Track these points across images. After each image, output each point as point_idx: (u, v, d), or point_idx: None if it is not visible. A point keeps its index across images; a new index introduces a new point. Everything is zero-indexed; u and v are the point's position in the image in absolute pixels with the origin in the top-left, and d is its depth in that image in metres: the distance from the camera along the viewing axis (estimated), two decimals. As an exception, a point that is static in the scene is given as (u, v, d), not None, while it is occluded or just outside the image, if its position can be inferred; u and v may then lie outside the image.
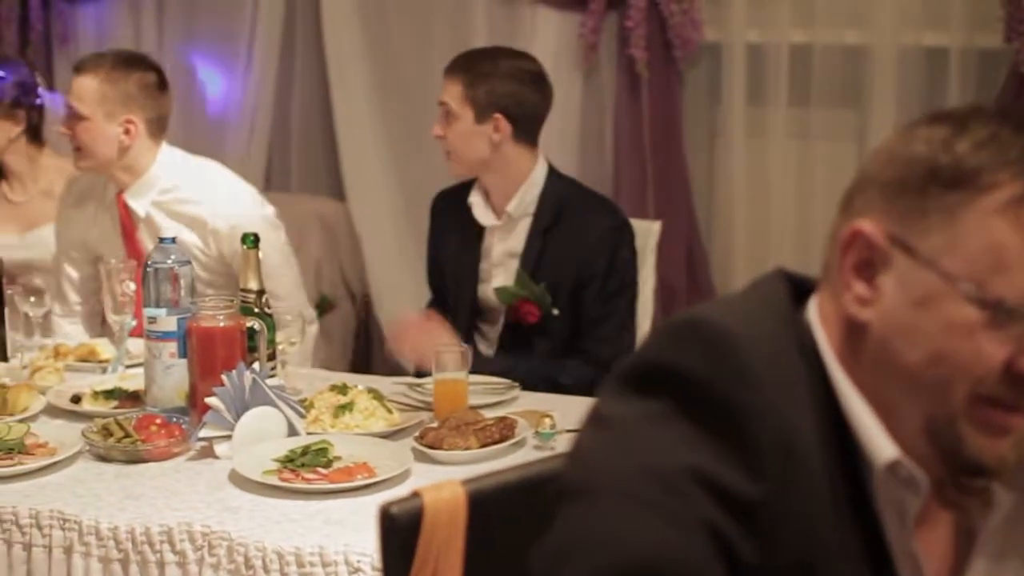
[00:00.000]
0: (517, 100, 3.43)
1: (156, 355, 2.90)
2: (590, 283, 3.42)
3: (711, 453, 1.24)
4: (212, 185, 3.69)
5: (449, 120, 3.46)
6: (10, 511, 2.50)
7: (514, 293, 3.45)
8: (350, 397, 2.90)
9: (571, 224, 3.46)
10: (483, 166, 3.49)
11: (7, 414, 2.93)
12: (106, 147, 3.58)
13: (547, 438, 2.75)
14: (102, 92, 3.57)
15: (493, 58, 3.52)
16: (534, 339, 3.46)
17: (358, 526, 2.35)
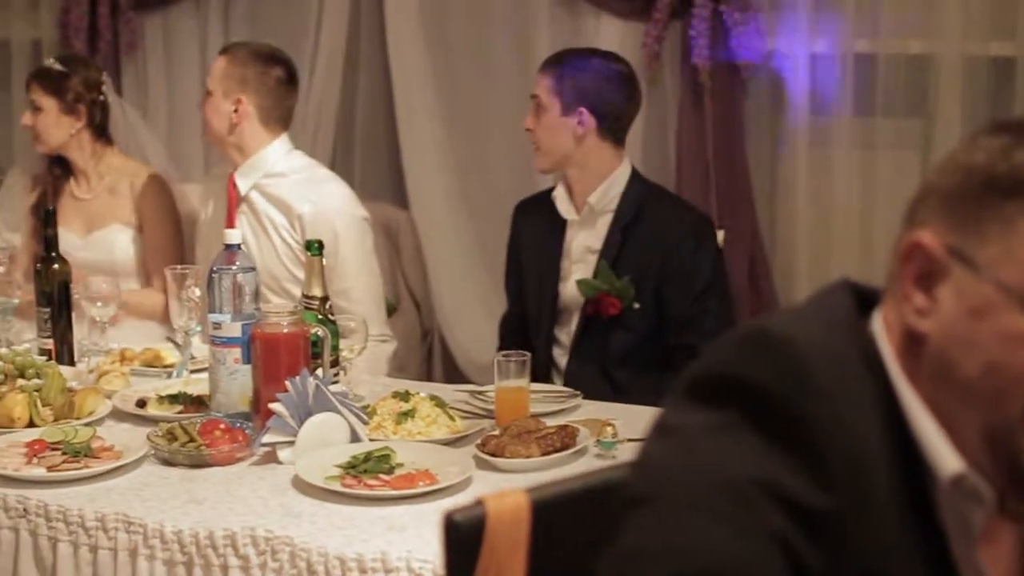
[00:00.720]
0: (603, 97, 3.52)
1: (221, 360, 2.93)
2: (674, 281, 3.48)
3: (778, 464, 1.24)
4: (312, 177, 3.92)
5: (538, 113, 3.56)
6: (76, 513, 2.52)
7: (595, 286, 3.50)
8: (412, 404, 2.91)
9: (652, 221, 3.53)
10: (567, 159, 3.56)
11: (74, 418, 2.96)
12: (219, 122, 3.88)
13: (609, 447, 2.75)
14: (226, 72, 3.88)
15: (586, 55, 3.66)
16: (611, 334, 3.50)
17: (420, 533, 2.36)
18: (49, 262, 3.47)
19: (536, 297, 3.68)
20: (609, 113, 3.54)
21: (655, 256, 3.50)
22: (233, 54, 3.93)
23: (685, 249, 3.51)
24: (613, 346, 3.50)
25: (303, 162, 3.96)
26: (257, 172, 3.89)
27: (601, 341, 3.52)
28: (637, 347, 3.51)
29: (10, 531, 2.59)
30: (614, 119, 3.56)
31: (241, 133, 3.87)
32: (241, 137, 3.88)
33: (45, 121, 4.15)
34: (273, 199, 3.86)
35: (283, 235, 3.81)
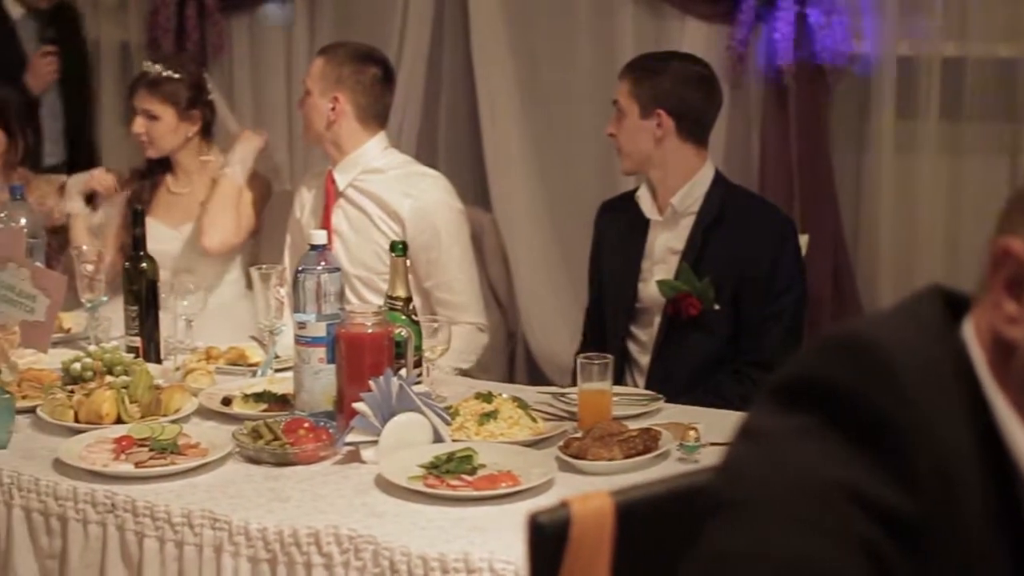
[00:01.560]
0: (681, 98, 3.52)
1: (305, 360, 2.95)
2: (753, 283, 3.48)
3: (866, 470, 1.23)
4: (410, 172, 3.99)
5: (619, 117, 3.57)
6: (163, 509, 2.55)
7: (676, 286, 3.50)
8: (495, 405, 2.92)
9: (735, 223, 3.53)
10: (648, 161, 3.57)
11: (161, 415, 3.00)
12: (317, 121, 3.95)
13: (691, 451, 2.74)
14: (323, 71, 3.95)
15: (663, 59, 3.68)
16: (693, 335, 3.50)
17: (502, 534, 2.36)
18: (137, 261, 3.51)
19: (614, 296, 3.69)
20: (688, 114, 3.54)
21: (736, 258, 3.49)
22: (331, 54, 3.99)
23: (766, 252, 3.50)
24: (694, 348, 3.49)
25: (400, 159, 4.01)
26: (355, 168, 3.95)
27: (683, 343, 3.51)
28: (718, 349, 3.50)
29: (98, 526, 2.62)
30: (693, 120, 3.56)
31: (338, 131, 3.93)
32: (338, 135, 3.94)
33: (161, 129, 4.19)
34: (371, 195, 3.91)
35: (382, 230, 3.86)
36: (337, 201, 3.96)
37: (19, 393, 3.08)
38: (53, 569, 2.67)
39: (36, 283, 3.15)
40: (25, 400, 3.08)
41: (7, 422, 2.88)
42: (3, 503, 2.71)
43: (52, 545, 2.67)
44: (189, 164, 4.28)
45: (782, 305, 3.50)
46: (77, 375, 3.13)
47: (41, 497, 2.67)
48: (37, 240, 3.63)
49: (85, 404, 2.98)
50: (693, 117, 3.55)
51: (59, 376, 3.19)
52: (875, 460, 1.24)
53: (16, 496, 2.70)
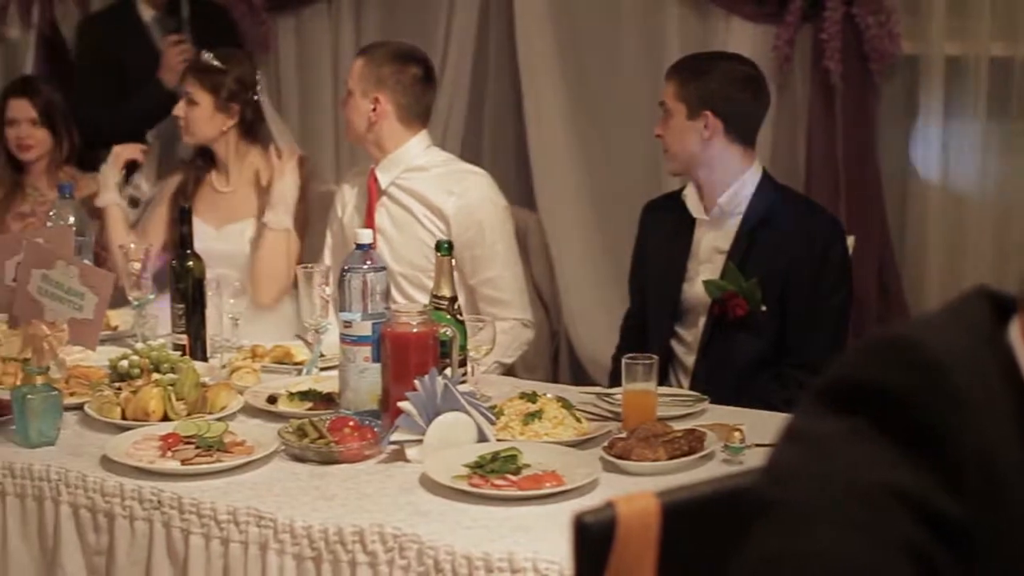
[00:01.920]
0: (727, 99, 3.51)
1: (351, 359, 2.96)
2: (799, 284, 3.46)
3: (912, 472, 1.23)
4: (453, 170, 4.01)
5: (666, 119, 3.57)
6: (209, 507, 2.56)
7: (722, 286, 3.48)
8: (539, 405, 2.92)
9: (781, 224, 3.52)
10: (695, 162, 3.56)
11: (207, 412, 3.01)
12: (359, 121, 3.96)
13: (736, 452, 2.73)
14: (363, 72, 3.95)
15: (710, 59, 3.68)
16: (738, 336, 3.49)
17: (546, 533, 2.36)
18: (184, 259, 3.53)
19: (659, 296, 3.68)
20: (735, 115, 3.53)
21: (782, 259, 3.48)
22: (371, 54, 4.00)
23: (813, 253, 3.49)
24: (740, 349, 3.48)
25: (443, 156, 4.03)
26: (398, 167, 3.96)
27: (729, 343, 3.50)
28: (763, 351, 3.48)
29: (144, 522, 2.64)
30: (741, 121, 3.54)
31: (380, 131, 3.94)
32: (380, 135, 3.94)
33: (197, 115, 4.22)
34: (415, 193, 3.92)
35: (427, 227, 3.87)
36: (380, 200, 3.97)
37: (67, 390, 3.10)
38: (100, 565, 2.69)
39: (84, 281, 3.17)
40: (73, 397, 3.10)
41: (55, 419, 2.90)
42: (51, 499, 2.74)
43: (99, 541, 2.69)
44: (227, 160, 4.29)
45: (828, 307, 3.48)
46: (124, 372, 3.15)
47: (88, 494, 2.70)
48: (85, 238, 3.65)
49: (132, 401, 3.00)
50: (740, 118, 3.54)
51: (106, 373, 3.21)
52: (922, 463, 1.23)
53: (64, 492, 2.72)
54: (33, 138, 4.76)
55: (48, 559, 2.74)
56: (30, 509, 2.77)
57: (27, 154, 4.76)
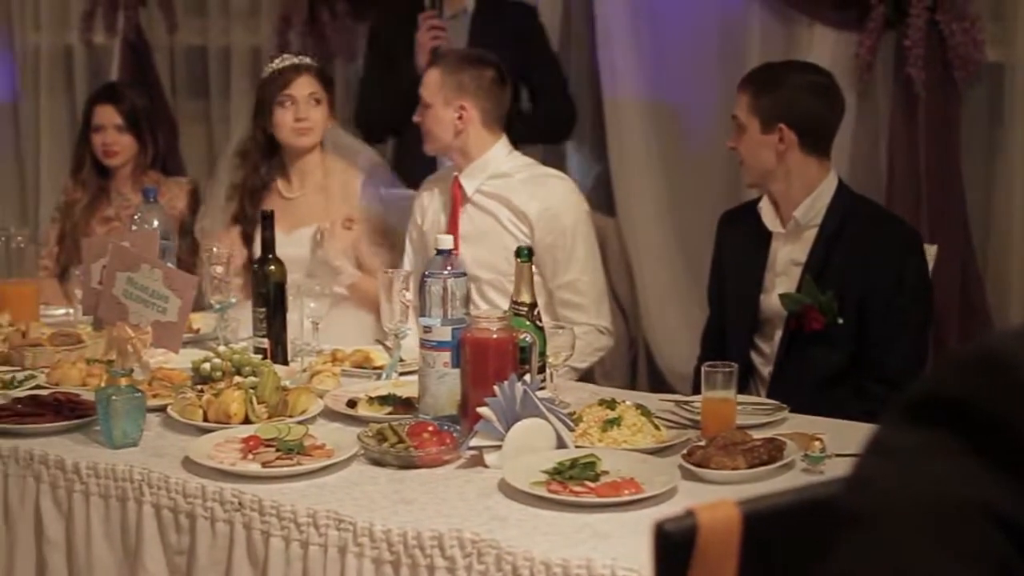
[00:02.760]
0: (802, 111, 3.48)
1: (430, 364, 2.97)
2: (877, 296, 3.43)
3: (1001, 488, 1.21)
4: (537, 174, 4.03)
5: (739, 132, 3.54)
6: (289, 509, 2.58)
7: (799, 299, 3.46)
8: (618, 412, 2.91)
9: (858, 235, 3.48)
10: (771, 175, 3.54)
11: (287, 415, 3.03)
12: (443, 131, 3.95)
13: (816, 461, 2.71)
14: (441, 81, 3.94)
15: (781, 70, 3.63)
16: (816, 350, 3.45)
17: (625, 541, 2.36)
18: (266, 263, 3.56)
19: (736, 307, 3.66)
20: (810, 127, 3.50)
21: (860, 271, 3.45)
22: (445, 62, 4.01)
23: (891, 265, 3.45)
24: (818, 362, 3.45)
25: (525, 161, 4.04)
26: (482, 173, 3.97)
27: (806, 356, 3.47)
28: (842, 363, 3.45)
29: (225, 524, 2.66)
30: (816, 132, 3.51)
31: (466, 138, 3.95)
32: (466, 142, 3.96)
33: (321, 114, 4.30)
34: (499, 198, 3.94)
35: (511, 232, 3.88)
36: (464, 207, 3.98)
37: (150, 392, 3.13)
38: (181, 565, 2.72)
39: (168, 284, 3.20)
40: (156, 399, 3.14)
41: (139, 420, 2.94)
42: (134, 500, 2.77)
43: (180, 542, 2.72)
44: (309, 166, 4.33)
45: (907, 320, 3.44)
46: (207, 375, 3.18)
47: (171, 494, 2.72)
48: (169, 242, 3.70)
49: (214, 404, 3.02)
50: (815, 129, 3.51)
51: (189, 376, 3.24)
52: (1010, 479, 1.22)
53: (147, 493, 2.75)
54: (119, 144, 4.82)
55: (131, 559, 2.77)
56: (114, 509, 2.80)
57: (113, 160, 4.83)
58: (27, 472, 2.90)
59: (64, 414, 3.04)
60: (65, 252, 4.83)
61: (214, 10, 6.03)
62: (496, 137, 3.99)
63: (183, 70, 6.23)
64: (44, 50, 6.49)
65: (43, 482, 2.88)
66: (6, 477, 2.93)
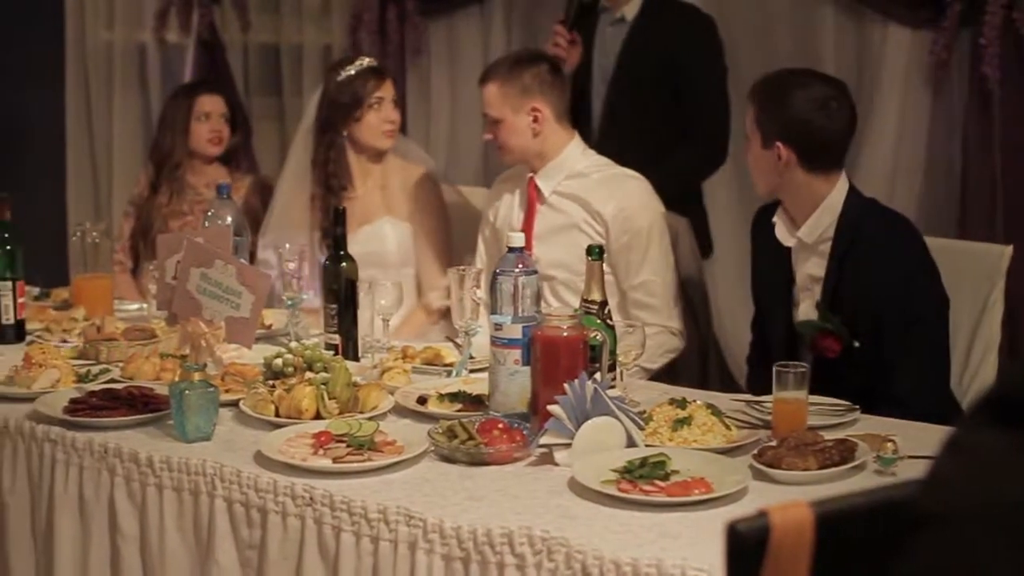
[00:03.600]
0: (802, 128, 3.36)
1: (501, 361, 2.98)
2: (887, 315, 3.32)
3: None
4: (613, 175, 4.02)
5: (747, 143, 3.48)
6: (359, 505, 2.59)
7: (814, 325, 3.39)
8: (689, 412, 2.90)
9: (866, 252, 3.36)
10: (776, 189, 3.47)
11: (358, 411, 3.05)
12: (521, 139, 3.95)
13: (888, 463, 2.69)
14: (504, 92, 3.93)
15: (786, 84, 3.44)
16: (840, 370, 3.35)
17: (695, 541, 2.35)
18: (337, 260, 3.58)
19: (772, 319, 3.60)
20: (811, 145, 3.36)
21: (869, 291, 3.34)
22: (498, 72, 4.00)
23: (897, 284, 3.33)
24: (844, 383, 3.26)
25: (601, 160, 4.03)
26: (559, 173, 3.98)
27: (832, 377, 3.29)
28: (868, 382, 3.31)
29: (296, 519, 2.67)
30: (818, 149, 3.38)
31: (544, 139, 3.96)
32: (544, 143, 3.96)
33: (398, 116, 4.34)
34: (575, 198, 3.94)
35: (586, 232, 3.88)
36: (539, 207, 3.99)
37: (223, 387, 3.16)
38: (252, 559, 2.74)
39: (241, 280, 3.22)
40: (228, 394, 3.16)
41: (211, 415, 2.96)
42: (206, 494, 2.79)
43: (252, 536, 2.74)
44: (370, 165, 4.37)
45: (917, 340, 3.33)
46: (279, 370, 3.20)
47: (243, 489, 2.74)
48: (241, 238, 3.72)
49: (286, 399, 3.04)
50: (817, 146, 3.37)
51: (261, 371, 3.26)
52: None
53: (219, 487, 2.77)
54: (224, 133, 4.90)
55: (202, 552, 2.80)
56: (186, 503, 2.82)
57: (215, 149, 4.90)
58: (101, 465, 2.94)
59: (138, 408, 3.07)
60: (138, 247, 4.89)
61: (287, 8, 6.07)
62: (570, 135, 3.99)
63: (256, 68, 6.28)
64: (118, 48, 6.56)
65: (117, 475, 2.91)
66: (81, 470, 2.97)
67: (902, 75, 4.60)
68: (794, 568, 1.62)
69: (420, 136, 5.68)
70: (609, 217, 3.89)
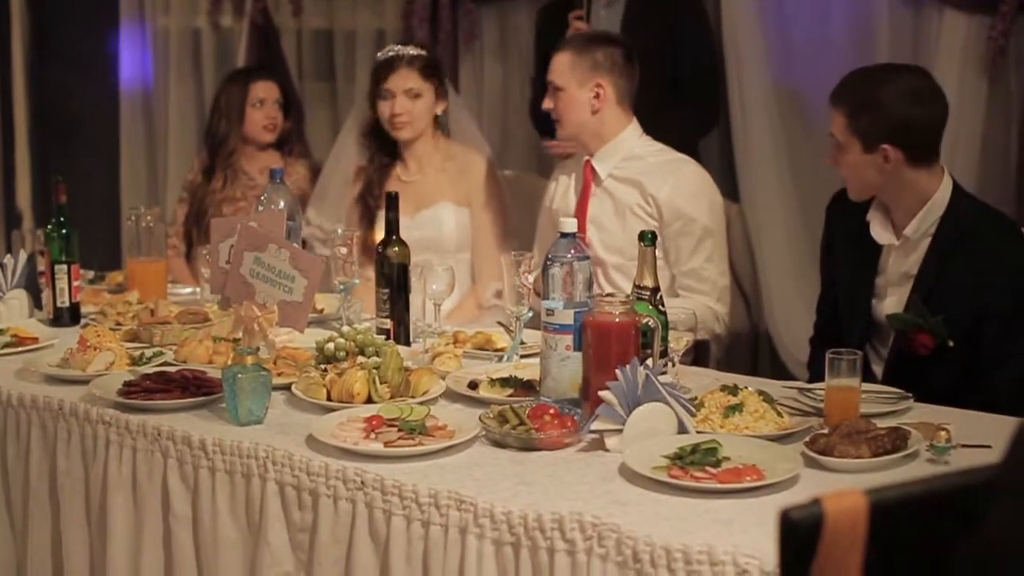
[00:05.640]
0: (905, 124, 3.31)
1: (552, 347, 2.97)
2: (992, 318, 3.28)
3: None
4: (670, 159, 4.04)
5: (838, 150, 3.40)
6: (411, 489, 2.59)
7: (908, 320, 3.34)
8: (740, 398, 2.89)
9: (973, 252, 3.32)
10: (879, 191, 3.41)
11: (409, 396, 3.05)
12: (579, 113, 3.96)
13: (942, 452, 2.67)
14: (574, 62, 3.94)
15: (874, 83, 3.38)
16: (925, 367, 3.32)
17: (746, 528, 2.34)
18: (389, 245, 3.59)
19: (848, 310, 3.56)
20: (915, 140, 3.32)
21: (973, 292, 3.30)
22: (575, 44, 4.01)
23: (1008, 288, 3.29)
24: (927, 380, 3.23)
25: (657, 146, 4.04)
26: (616, 156, 3.98)
27: (915, 373, 3.29)
28: (954, 381, 3.28)
29: (347, 502, 2.68)
30: (922, 142, 3.34)
31: (602, 118, 3.97)
32: (602, 122, 3.97)
33: (422, 107, 4.42)
34: (632, 182, 3.95)
35: (640, 216, 3.88)
36: (594, 190, 3.99)
37: (275, 371, 3.18)
38: (304, 542, 2.75)
39: (294, 264, 3.23)
40: (280, 377, 3.18)
41: (264, 398, 2.97)
42: (258, 476, 2.80)
43: (303, 519, 2.75)
44: (423, 150, 4.37)
45: (1020, 346, 3.30)
46: (331, 355, 3.21)
47: (295, 472, 2.75)
48: (294, 222, 3.74)
49: (337, 383, 3.05)
50: (922, 139, 3.34)
51: (313, 355, 3.27)
52: None
53: (271, 470, 2.79)
54: (279, 119, 4.93)
55: (254, 534, 2.81)
56: (238, 485, 2.84)
57: (269, 136, 4.93)
58: (155, 447, 2.96)
59: (191, 391, 3.09)
60: (192, 232, 4.92)
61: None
62: (629, 118, 3.99)
63: (309, 53, 6.30)
64: (173, 33, 6.59)
65: (170, 457, 2.93)
66: (135, 452, 2.99)
67: (958, 61, 4.56)
68: (847, 556, 1.61)
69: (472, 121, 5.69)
70: (663, 201, 3.88)
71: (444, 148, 4.44)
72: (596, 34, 4.17)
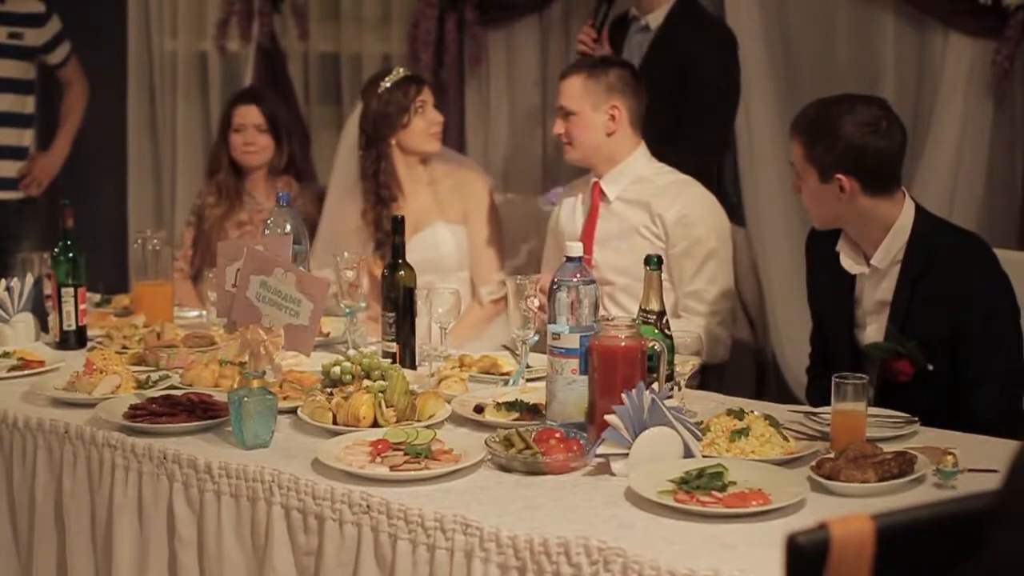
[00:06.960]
0: (859, 156, 3.29)
1: (558, 371, 2.97)
2: (966, 338, 3.28)
3: None
4: (677, 181, 4.05)
5: (798, 179, 3.40)
6: (416, 513, 2.59)
7: (886, 348, 3.35)
8: (746, 422, 2.89)
9: (942, 273, 3.31)
10: (841, 220, 3.40)
11: (415, 420, 3.05)
12: (594, 136, 3.98)
13: (948, 476, 2.67)
14: (587, 86, 3.96)
15: (830, 114, 3.36)
16: (909, 392, 3.31)
17: (752, 552, 2.34)
18: (395, 268, 3.59)
19: (834, 338, 3.55)
20: (870, 169, 3.30)
21: (945, 314, 3.29)
22: (585, 68, 4.04)
23: (978, 308, 3.28)
24: (912, 404, 3.18)
25: (665, 168, 4.05)
26: (625, 178, 4.00)
27: (900, 398, 3.26)
28: (938, 403, 3.26)
29: (353, 526, 2.68)
30: (878, 172, 3.32)
31: (615, 141, 3.99)
32: (614, 145, 3.99)
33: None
34: (639, 203, 3.96)
35: (647, 238, 3.89)
36: (602, 211, 4.00)
37: (281, 394, 3.18)
38: (309, 566, 2.75)
39: (300, 288, 3.23)
40: (286, 401, 3.18)
41: (269, 422, 2.97)
42: (264, 500, 2.80)
43: (309, 543, 2.75)
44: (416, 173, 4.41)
45: (994, 363, 3.29)
46: (336, 378, 3.21)
47: (300, 496, 2.75)
48: (301, 246, 3.74)
49: (343, 407, 3.05)
50: (877, 169, 3.32)
51: (319, 379, 3.27)
52: None
53: (276, 494, 2.79)
54: (257, 144, 4.92)
55: (260, 558, 2.81)
56: (244, 509, 2.84)
57: (251, 160, 4.92)
58: (160, 471, 2.96)
59: (197, 414, 3.10)
60: (199, 255, 4.93)
61: (346, 17, 6.10)
62: (638, 140, 4.01)
63: (316, 77, 6.31)
64: (180, 57, 6.61)
65: (176, 481, 2.93)
66: (140, 475, 2.99)
67: (963, 84, 4.56)
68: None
69: (479, 145, 5.70)
70: (670, 222, 3.89)
71: (433, 168, 4.48)
72: (603, 57, 4.19)
